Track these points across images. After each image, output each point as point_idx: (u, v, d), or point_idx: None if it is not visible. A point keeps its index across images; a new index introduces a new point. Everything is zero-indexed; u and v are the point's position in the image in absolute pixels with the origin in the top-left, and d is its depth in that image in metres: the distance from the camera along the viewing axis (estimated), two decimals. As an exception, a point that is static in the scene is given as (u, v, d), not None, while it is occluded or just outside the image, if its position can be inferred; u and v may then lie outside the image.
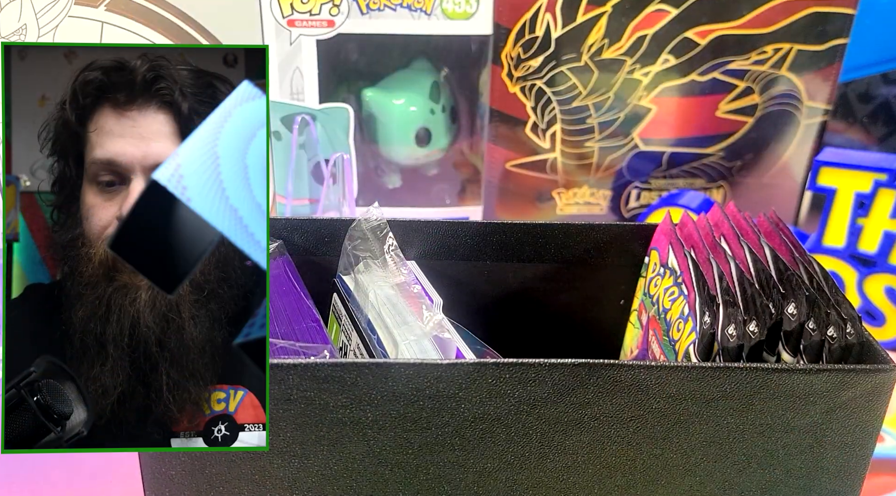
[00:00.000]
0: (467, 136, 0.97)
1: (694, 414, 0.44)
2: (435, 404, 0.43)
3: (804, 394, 0.44)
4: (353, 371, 0.42)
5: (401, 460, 0.45)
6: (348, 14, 0.87)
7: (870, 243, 0.83)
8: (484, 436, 0.44)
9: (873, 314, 0.84)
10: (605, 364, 0.43)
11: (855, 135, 0.90)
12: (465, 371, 0.43)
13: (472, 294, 0.61)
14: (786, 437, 0.45)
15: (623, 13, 0.87)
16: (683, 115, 0.92)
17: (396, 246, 0.55)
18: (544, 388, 0.43)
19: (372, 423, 0.44)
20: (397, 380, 0.42)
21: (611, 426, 0.44)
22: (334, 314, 0.57)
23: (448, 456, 0.45)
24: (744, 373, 0.43)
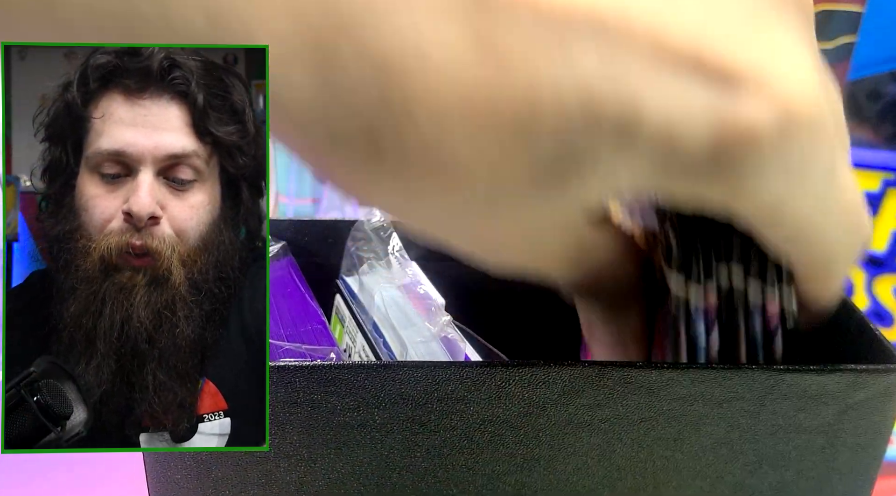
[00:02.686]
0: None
1: (705, 415, 0.44)
2: (443, 406, 0.43)
3: (816, 395, 0.43)
4: (360, 373, 0.42)
5: (409, 463, 0.44)
6: (352, 13, 0.86)
7: (878, 243, 0.82)
8: (493, 439, 0.44)
9: (882, 315, 0.83)
10: (614, 364, 0.42)
11: (863, 134, 0.90)
12: (474, 373, 0.42)
13: (473, 295, 0.60)
14: (798, 438, 0.45)
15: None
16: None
17: (401, 247, 0.55)
18: (553, 390, 0.43)
19: (379, 426, 0.43)
20: (405, 383, 0.42)
21: (621, 428, 0.44)
22: (338, 316, 0.56)
23: (457, 459, 0.44)
24: (756, 373, 0.43)
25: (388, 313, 0.50)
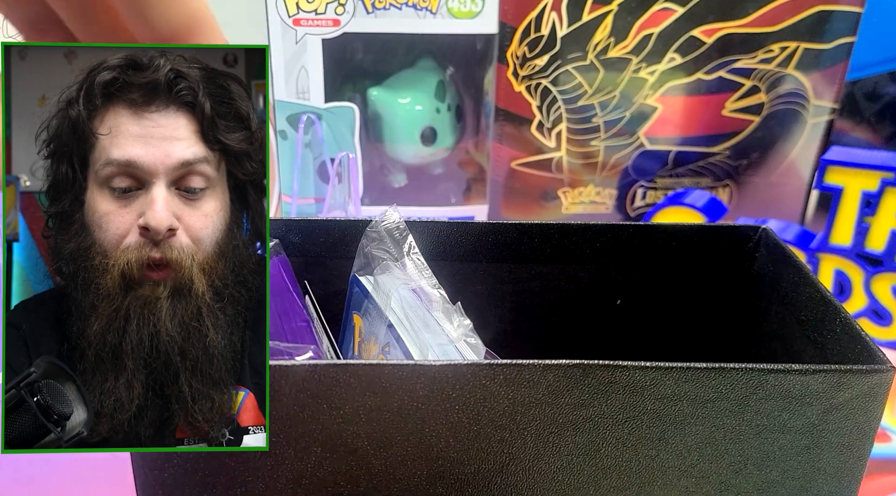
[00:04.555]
0: (473, 134, 0.97)
1: (689, 415, 0.44)
2: (428, 406, 0.43)
3: (800, 395, 0.44)
4: (346, 373, 0.42)
5: (393, 463, 0.45)
6: (354, 13, 0.87)
7: (877, 242, 0.82)
8: (478, 438, 0.44)
9: (880, 314, 0.83)
10: (599, 364, 0.43)
11: (862, 133, 0.90)
12: (460, 372, 0.43)
13: (473, 295, 0.61)
14: (782, 438, 0.45)
15: (629, 12, 0.86)
16: (689, 114, 0.92)
17: (416, 248, 0.54)
18: (539, 390, 0.43)
19: (365, 425, 0.44)
20: (390, 382, 0.42)
21: (606, 427, 0.44)
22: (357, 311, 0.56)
23: (442, 458, 0.45)
24: (739, 373, 0.43)
25: (407, 314, 0.50)
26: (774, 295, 0.57)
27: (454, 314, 0.50)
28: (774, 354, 0.57)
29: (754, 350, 0.60)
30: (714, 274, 0.61)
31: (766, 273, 0.59)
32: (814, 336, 0.52)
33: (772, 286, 0.58)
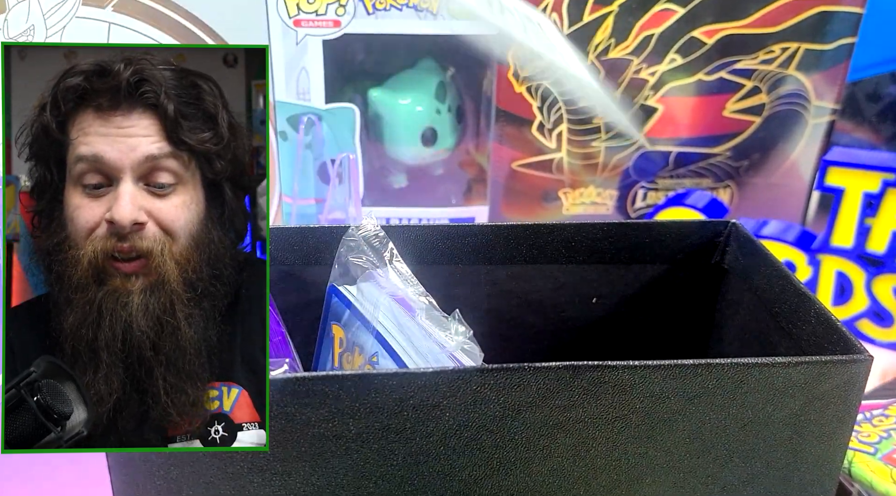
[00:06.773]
0: (473, 135, 0.97)
1: (677, 411, 0.44)
2: (419, 414, 0.43)
3: (783, 387, 0.44)
4: (334, 384, 0.42)
5: (385, 472, 0.45)
6: (354, 14, 0.87)
7: (878, 243, 0.82)
8: (469, 444, 0.44)
9: (881, 315, 0.83)
10: (588, 365, 0.43)
11: (863, 134, 0.89)
12: (449, 379, 0.42)
13: (451, 299, 0.60)
14: (766, 430, 0.45)
15: (629, 12, 0.86)
16: (690, 115, 0.92)
17: (398, 255, 0.54)
18: (528, 393, 0.43)
19: (355, 437, 0.43)
20: (380, 392, 0.42)
21: (595, 427, 0.44)
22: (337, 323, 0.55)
23: (433, 466, 0.45)
24: (725, 368, 0.43)
25: (396, 323, 0.50)
26: (746, 288, 0.58)
27: (452, 322, 0.50)
28: (750, 348, 0.57)
29: (728, 344, 0.61)
30: (686, 269, 0.62)
31: (736, 266, 0.60)
32: (788, 327, 0.52)
33: (744, 279, 0.58)
